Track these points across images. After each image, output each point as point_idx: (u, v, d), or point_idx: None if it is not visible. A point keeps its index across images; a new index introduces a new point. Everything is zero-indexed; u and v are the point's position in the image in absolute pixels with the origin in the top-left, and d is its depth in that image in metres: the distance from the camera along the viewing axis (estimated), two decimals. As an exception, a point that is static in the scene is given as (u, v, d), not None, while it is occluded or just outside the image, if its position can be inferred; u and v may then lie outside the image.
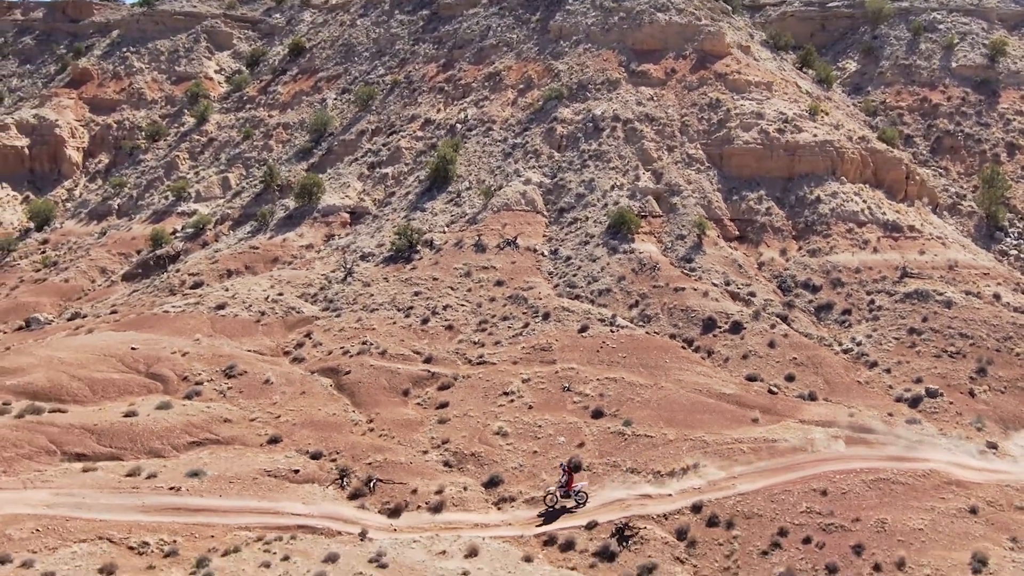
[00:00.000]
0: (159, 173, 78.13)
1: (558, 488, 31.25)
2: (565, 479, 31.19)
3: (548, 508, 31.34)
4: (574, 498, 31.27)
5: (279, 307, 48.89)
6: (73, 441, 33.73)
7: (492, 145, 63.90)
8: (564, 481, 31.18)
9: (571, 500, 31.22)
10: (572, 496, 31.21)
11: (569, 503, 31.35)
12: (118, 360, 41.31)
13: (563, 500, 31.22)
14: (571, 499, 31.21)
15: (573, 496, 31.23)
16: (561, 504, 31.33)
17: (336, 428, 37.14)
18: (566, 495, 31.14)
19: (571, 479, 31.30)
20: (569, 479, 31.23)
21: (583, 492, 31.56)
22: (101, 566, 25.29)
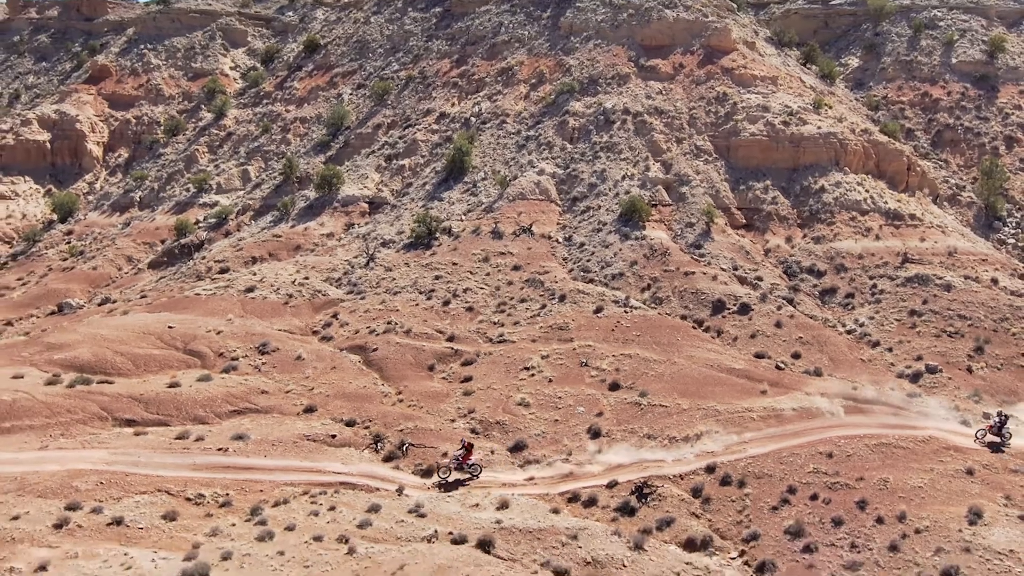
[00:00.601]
0: (179, 166, 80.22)
1: (452, 461, 32.35)
2: (462, 453, 32.31)
3: (441, 479, 32.23)
4: (468, 471, 32.39)
5: (305, 290, 50.98)
6: (122, 408, 35.83)
7: (506, 137, 66.00)
8: (460, 455, 32.30)
9: (465, 473, 32.35)
10: (466, 469, 32.35)
11: (463, 476, 32.35)
12: (156, 338, 43.41)
13: (456, 472, 32.25)
14: (465, 472, 32.34)
15: (467, 469, 32.37)
16: (455, 477, 32.24)
17: (367, 399, 39.22)
18: (460, 468, 32.23)
19: (468, 454, 32.41)
20: (467, 454, 32.35)
21: (477, 466, 32.75)
22: (164, 513, 27.37)
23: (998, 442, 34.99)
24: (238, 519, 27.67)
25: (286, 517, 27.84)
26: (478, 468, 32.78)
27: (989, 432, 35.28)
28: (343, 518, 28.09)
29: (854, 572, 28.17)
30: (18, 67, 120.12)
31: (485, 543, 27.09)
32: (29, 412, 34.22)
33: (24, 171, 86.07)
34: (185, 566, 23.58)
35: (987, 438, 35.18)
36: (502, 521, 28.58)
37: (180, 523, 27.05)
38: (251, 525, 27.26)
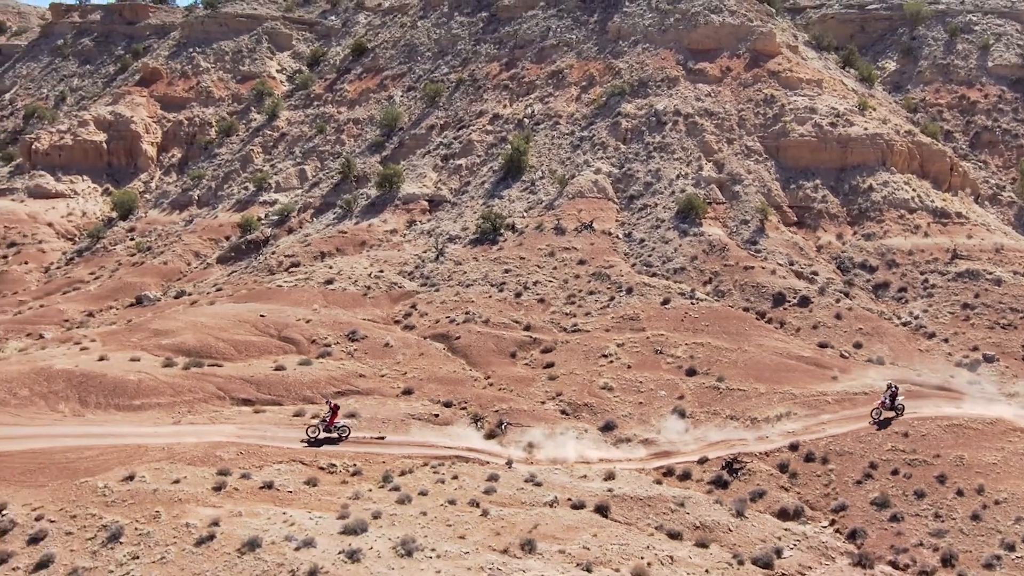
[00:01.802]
0: (235, 166, 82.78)
1: (320, 423, 33.23)
2: (329, 415, 33.31)
3: (310, 439, 32.90)
4: (336, 432, 33.28)
5: (382, 282, 53.38)
6: (237, 388, 38.22)
7: (560, 138, 68.32)
8: (327, 417, 33.28)
9: (333, 433, 33.23)
10: (335, 430, 33.25)
11: (331, 436, 33.21)
12: (252, 325, 45.82)
13: (325, 433, 33.08)
14: (333, 433, 33.23)
15: (336, 430, 33.27)
16: (324, 436, 33.05)
17: (459, 383, 41.54)
18: (328, 429, 33.10)
19: (334, 416, 33.38)
20: (333, 415, 33.32)
21: (346, 427, 33.64)
22: (306, 479, 29.69)
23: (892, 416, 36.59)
24: (372, 486, 29.95)
25: (416, 484, 30.12)
26: (346, 430, 33.55)
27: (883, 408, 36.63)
28: (468, 485, 30.35)
29: (940, 539, 30.30)
30: (63, 70, 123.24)
31: (602, 508, 29.31)
32: (155, 391, 36.62)
33: (82, 170, 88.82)
34: (345, 523, 25.80)
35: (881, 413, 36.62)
36: (613, 490, 30.80)
37: (322, 488, 29.34)
38: (386, 491, 29.50)
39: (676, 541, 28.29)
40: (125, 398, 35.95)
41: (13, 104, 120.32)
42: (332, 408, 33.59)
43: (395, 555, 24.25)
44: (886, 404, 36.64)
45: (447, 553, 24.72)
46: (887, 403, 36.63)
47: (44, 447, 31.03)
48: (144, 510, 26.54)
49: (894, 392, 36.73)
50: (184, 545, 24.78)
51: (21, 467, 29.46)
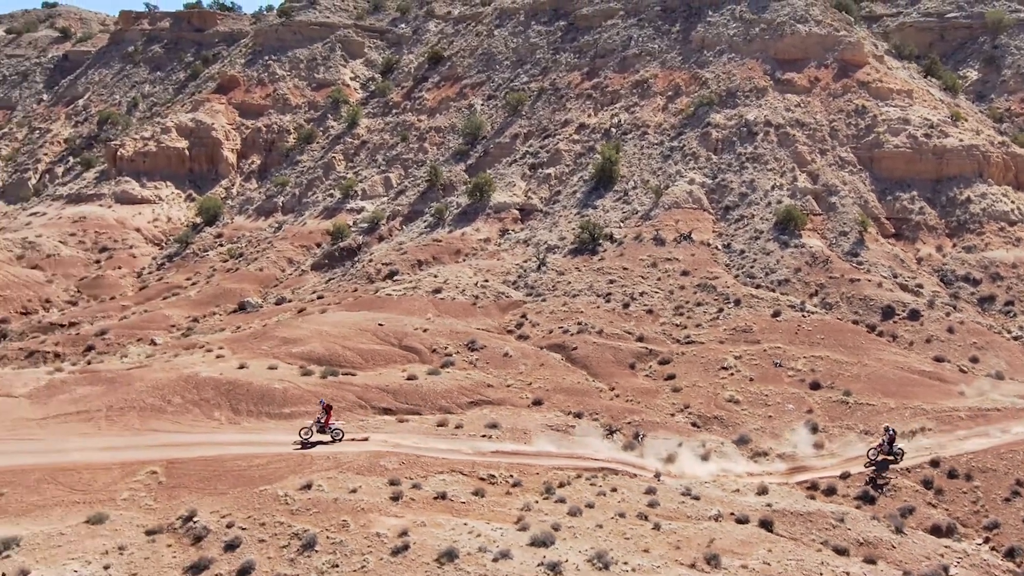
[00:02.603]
0: (318, 173, 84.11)
1: (314, 424, 33.42)
2: (323, 417, 33.45)
3: (303, 440, 32.99)
4: (330, 434, 33.40)
5: (489, 292, 54.07)
6: (375, 398, 39.05)
7: (649, 148, 68.66)
8: (322, 418, 33.43)
9: (327, 435, 33.39)
10: (328, 432, 33.40)
11: (325, 438, 33.35)
12: (372, 334, 46.68)
13: (318, 435, 33.27)
14: (327, 434, 33.40)
15: (329, 432, 33.40)
16: (316, 438, 33.20)
17: (586, 394, 42.07)
18: (322, 431, 33.29)
19: (328, 417, 33.50)
20: (326, 417, 33.47)
21: (339, 429, 33.62)
22: (473, 490, 30.35)
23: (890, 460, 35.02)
24: (537, 497, 30.52)
25: (579, 496, 30.66)
26: (340, 432, 33.59)
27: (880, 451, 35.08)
28: (630, 499, 30.84)
29: (1102, 558, 30.29)
30: (134, 76, 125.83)
31: (766, 523, 29.67)
32: (300, 400, 37.54)
33: (165, 176, 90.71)
34: (531, 535, 26.40)
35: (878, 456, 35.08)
36: (771, 505, 31.14)
37: (490, 499, 29.98)
38: (552, 503, 30.08)
39: (844, 557, 28.55)
40: (274, 406, 36.89)
41: (87, 110, 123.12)
42: (326, 409, 33.60)
43: (592, 568, 24.82)
44: (883, 448, 34.99)
45: (640, 567, 25.23)
46: (884, 447, 34.97)
47: (213, 455, 31.98)
48: (330, 519, 27.35)
49: (892, 437, 35.07)
50: (380, 555, 25.52)
51: (197, 474, 30.45)
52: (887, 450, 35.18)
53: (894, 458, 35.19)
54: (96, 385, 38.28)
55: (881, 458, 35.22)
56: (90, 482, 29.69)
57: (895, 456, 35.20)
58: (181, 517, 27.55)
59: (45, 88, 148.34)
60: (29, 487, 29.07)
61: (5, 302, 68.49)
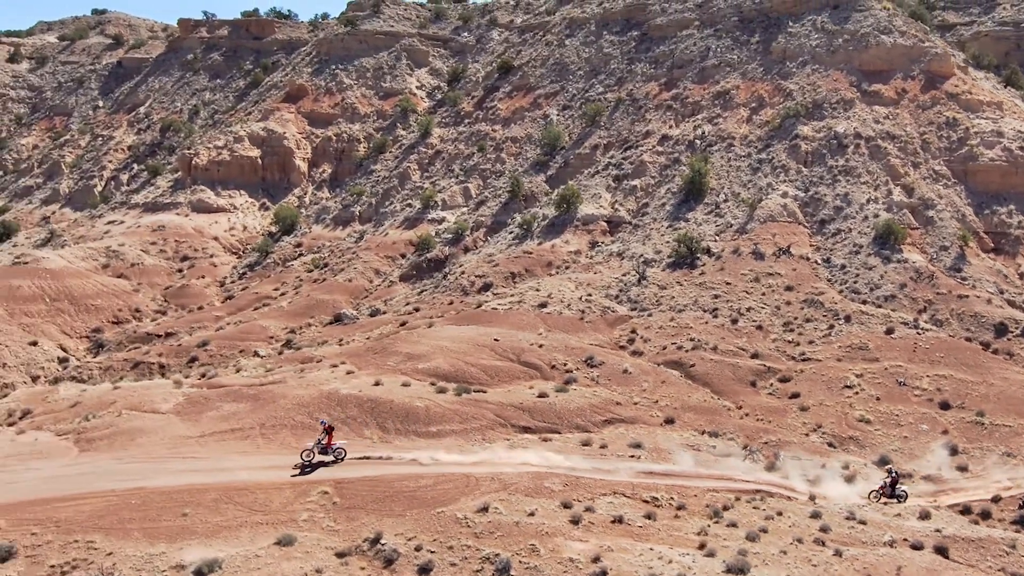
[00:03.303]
0: (394, 183, 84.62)
1: (315, 445, 32.65)
2: (324, 438, 32.76)
3: (305, 463, 32.29)
4: (332, 454, 32.66)
5: (595, 306, 54.20)
6: (513, 416, 39.27)
7: (737, 160, 68.57)
8: (323, 439, 32.74)
9: (329, 456, 32.61)
10: (331, 452, 32.66)
11: (327, 459, 32.59)
12: (490, 350, 46.92)
13: (320, 456, 32.50)
14: (329, 455, 32.62)
15: (332, 452, 32.67)
16: (318, 460, 32.46)
17: (714, 412, 42.10)
18: (324, 452, 32.54)
19: (330, 438, 32.84)
20: (328, 437, 32.80)
21: (341, 449, 32.92)
22: (644, 513, 30.48)
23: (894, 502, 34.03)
24: (707, 520, 30.57)
25: (748, 520, 30.70)
26: (342, 452, 32.93)
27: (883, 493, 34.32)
28: (798, 523, 30.84)
29: None
30: (194, 84, 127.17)
31: (941, 549, 29.56)
32: (443, 418, 37.84)
33: (239, 185, 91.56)
34: (725, 562, 26.47)
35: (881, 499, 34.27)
36: (940, 530, 31.03)
37: (662, 522, 30.08)
38: (724, 526, 30.13)
39: (1026, 586, 28.43)
40: (420, 424, 37.21)
41: (149, 117, 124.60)
42: (327, 430, 33.02)
43: (800, 597, 24.85)
44: (885, 490, 34.25)
45: (843, 596, 25.25)
46: (887, 489, 34.23)
47: (377, 474, 32.30)
48: (518, 543, 27.55)
49: (895, 478, 34.43)
50: (581, 581, 25.68)
51: (368, 495, 30.74)
52: (890, 493, 34.25)
53: (897, 500, 34.09)
54: (241, 402, 38.76)
55: (883, 502, 34.06)
56: (266, 502, 30.06)
57: (899, 498, 34.12)
58: (367, 539, 27.81)
59: (100, 94, 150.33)
60: (209, 507, 29.47)
61: (97, 311, 69.44)
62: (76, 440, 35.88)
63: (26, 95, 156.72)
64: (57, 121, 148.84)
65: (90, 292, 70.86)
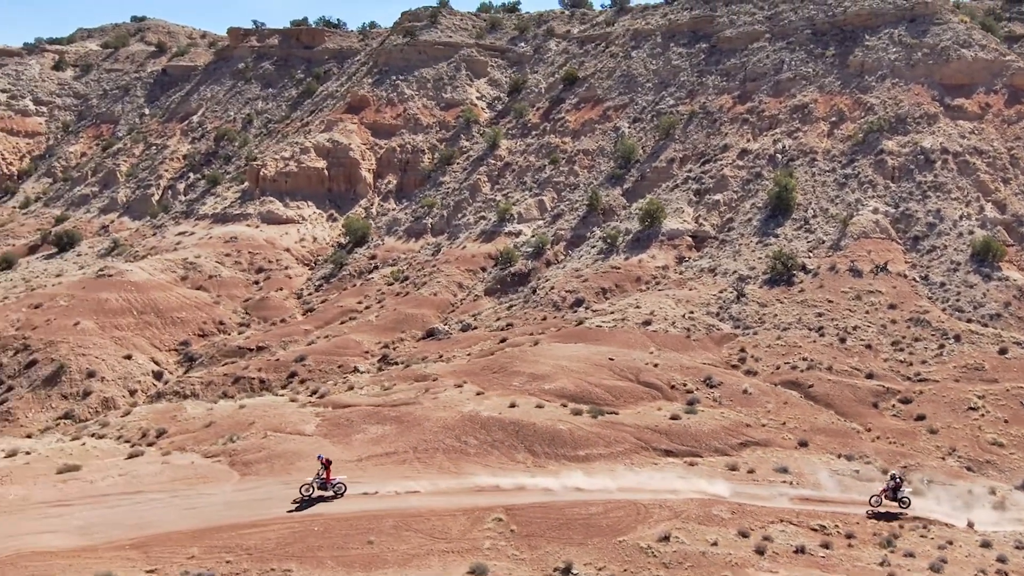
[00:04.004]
0: (464, 195, 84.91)
1: (315, 480, 32.30)
2: (323, 472, 32.32)
3: (304, 497, 32.07)
4: (332, 489, 32.34)
5: (699, 324, 54.33)
6: (651, 439, 39.45)
7: (821, 175, 68.55)
8: (323, 474, 32.30)
9: (328, 491, 32.31)
10: (330, 487, 32.33)
11: (327, 493, 32.32)
12: (608, 369, 47.12)
13: (319, 491, 32.21)
14: (328, 490, 32.32)
15: (331, 487, 32.34)
16: (318, 494, 32.20)
17: (845, 435, 42.17)
18: (323, 487, 32.25)
19: (328, 473, 32.35)
20: (327, 472, 32.32)
21: (341, 483, 32.51)
22: (820, 542, 30.59)
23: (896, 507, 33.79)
24: (882, 551, 30.64)
25: (921, 550, 30.77)
26: (342, 486, 32.51)
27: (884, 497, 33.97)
28: (972, 552, 30.92)
29: None
30: (246, 93, 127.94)
31: (1123, 581, 29.57)
32: (587, 442, 38.06)
33: (306, 196, 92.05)
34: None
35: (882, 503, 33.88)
36: (1114, 560, 31.03)
37: (839, 552, 30.17)
38: (901, 556, 30.22)
39: None
40: (568, 448, 37.43)
41: (202, 126, 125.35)
42: (325, 464, 32.50)
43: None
44: (888, 494, 33.83)
45: (1055, 632, 25.31)
46: (889, 493, 33.81)
47: (545, 501, 32.56)
48: (710, 573, 27.72)
49: (898, 483, 33.96)
50: (787, 613, 25.82)
51: (542, 522, 31.01)
52: (892, 497, 33.94)
53: (900, 506, 33.94)
54: (385, 424, 39.09)
55: (885, 508, 33.88)
56: (445, 530, 30.34)
57: (902, 504, 33.93)
58: (558, 569, 28.12)
59: (146, 102, 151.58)
60: (391, 535, 29.77)
61: (183, 324, 69.99)
62: (231, 463, 36.26)
63: (72, 103, 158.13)
64: (104, 129, 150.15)
65: (174, 305, 71.43)
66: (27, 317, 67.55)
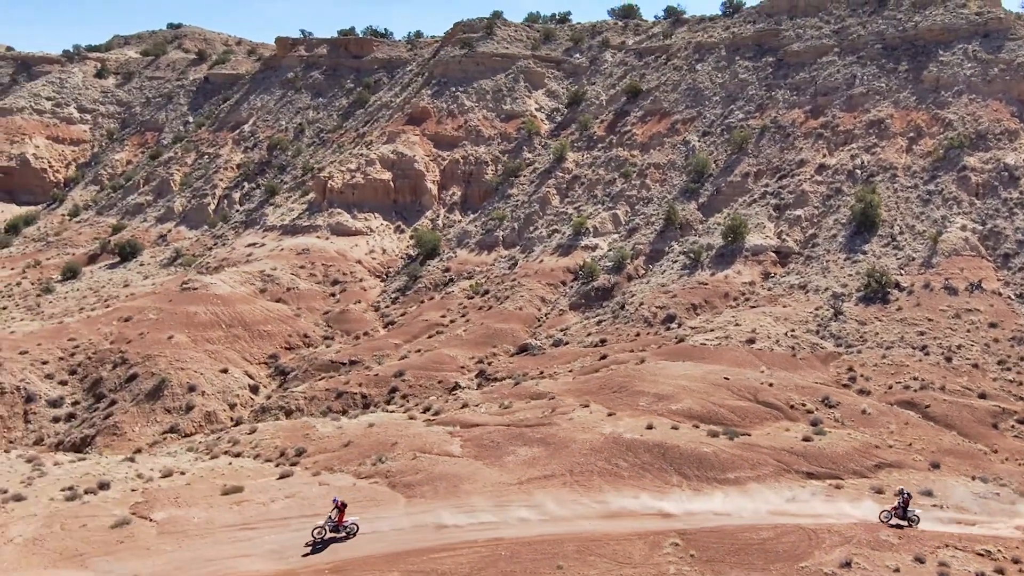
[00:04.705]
0: (534, 207, 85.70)
1: (327, 522, 31.70)
2: (336, 514, 31.69)
3: (315, 540, 31.47)
4: (345, 531, 31.70)
5: (802, 342, 54.96)
6: (792, 461, 40.04)
7: (904, 191, 69.11)
8: (335, 516, 31.65)
9: (340, 533, 31.66)
10: (342, 530, 31.69)
11: (339, 535, 31.71)
12: (726, 389, 47.77)
13: (331, 533, 31.57)
14: (340, 532, 31.65)
15: (343, 530, 31.72)
16: (330, 536, 31.63)
17: (973, 456, 42.72)
18: (335, 529, 31.59)
19: (342, 515, 31.75)
20: (340, 515, 31.72)
21: (354, 524, 31.94)
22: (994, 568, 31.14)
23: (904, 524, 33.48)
24: (1056, 577, 31.23)
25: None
26: (355, 527, 31.90)
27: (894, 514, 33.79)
28: None
29: None
30: (297, 103, 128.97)
31: None
32: (732, 464, 38.68)
33: (372, 208, 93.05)
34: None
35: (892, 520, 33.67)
36: None
37: (1019, 580, 30.77)
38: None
39: None
40: (717, 471, 38.08)
41: (254, 136, 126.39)
42: (339, 507, 31.85)
43: None
44: (898, 512, 33.60)
45: None
46: (899, 511, 33.58)
47: (712, 525, 33.21)
48: (904, 601, 28.30)
49: (906, 500, 33.66)
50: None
51: (719, 547, 31.57)
52: (901, 514, 33.76)
53: (909, 523, 33.69)
54: (531, 446, 39.82)
55: (895, 522, 33.72)
56: (627, 554, 30.98)
57: (910, 521, 33.67)
58: (750, 595, 28.71)
59: (190, 110, 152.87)
60: (577, 559, 30.42)
61: (270, 337, 70.89)
62: (390, 484, 37.02)
63: (115, 110, 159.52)
64: (149, 136, 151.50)
65: (259, 318, 72.35)
66: (119, 330, 68.53)
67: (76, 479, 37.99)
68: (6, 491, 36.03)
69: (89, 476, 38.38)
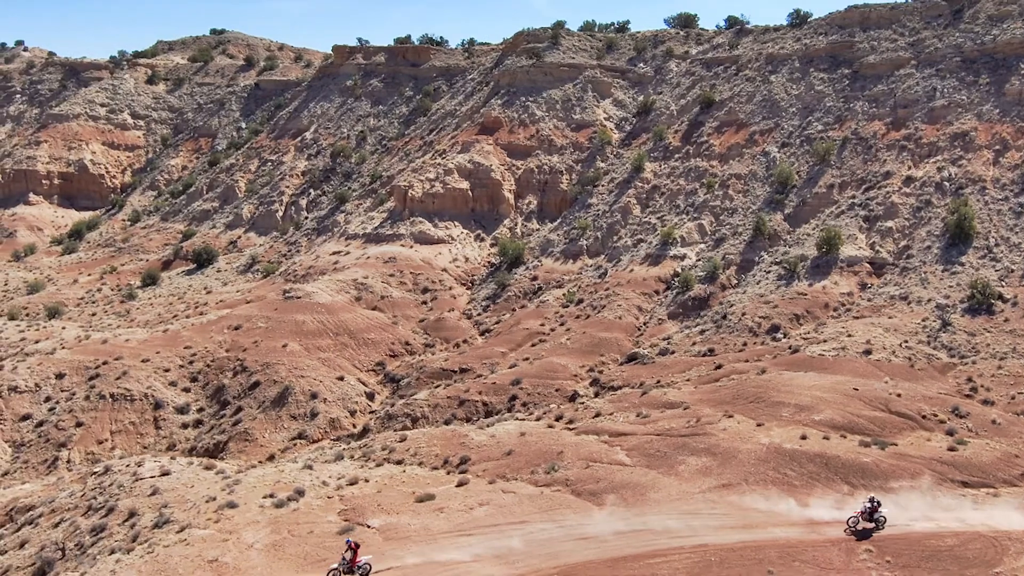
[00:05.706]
0: (616, 217, 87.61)
1: (341, 564, 30.94)
2: (350, 555, 30.98)
3: None
4: (359, 572, 30.96)
5: (918, 353, 56.72)
6: (943, 470, 41.69)
7: (995, 203, 70.80)
8: (349, 557, 30.96)
9: (356, 574, 30.91)
10: (357, 570, 30.93)
11: None
12: (857, 399, 49.53)
13: (346, 574, 30.90)
14: (356, 573, 30.91)
15: (358, 570, 30.96)
16: None
17: (1111, 466, 44.43)
18: (349, 570, 30.90)
19: (355, 556, 31.05)
20: (354, 556, 31.03)
21: (367, 564, 31.29)
22: None
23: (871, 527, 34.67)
24: None
25: None
26: (368, 567, 31.17)
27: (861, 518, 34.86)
28: None
29: None
30: (357, 110, 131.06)
31: None
32: (893, 474, 40.41)
33: (452, 217, 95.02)
34: None
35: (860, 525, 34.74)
36: None
37: None
38: None
39: None
40: (880, 480, 39.87)
41: (316, 143, 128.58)
42: (353, 548, 31.22)
43: None
44: (865, 516, 34.81)
45: None
46: (866, 515, 34.80)
47: (897, 533, 35.05)
48: (1104, 606, 30.17)
49: (875, 506, 34.93)
50: None
51: (909, 554, 33.45)
52: (868, 517, 34.97)
53: (875, 525, 34.93)
54: (699, 456, 41.70)
55: (862, 527, 34.89)
56: (828, 560, 32.90)
57: (877, 524, 34.92)
58: (960, 601, 30.56)
59: (242, 115, 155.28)
60: (784, 564, 32.31)
61: (374, 345, 72.97)
62: (573, 492, 38.94)
63: (167, 116, 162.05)
64: (203, 142, 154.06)
65: (362, 326, 74.44)
66: (231, 338, 70.67)
67: (270, 486, 40.00)
68: (215, 498, 38.04)
69: (281, 484, 40.36)
